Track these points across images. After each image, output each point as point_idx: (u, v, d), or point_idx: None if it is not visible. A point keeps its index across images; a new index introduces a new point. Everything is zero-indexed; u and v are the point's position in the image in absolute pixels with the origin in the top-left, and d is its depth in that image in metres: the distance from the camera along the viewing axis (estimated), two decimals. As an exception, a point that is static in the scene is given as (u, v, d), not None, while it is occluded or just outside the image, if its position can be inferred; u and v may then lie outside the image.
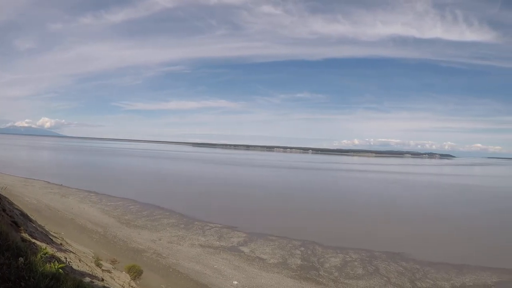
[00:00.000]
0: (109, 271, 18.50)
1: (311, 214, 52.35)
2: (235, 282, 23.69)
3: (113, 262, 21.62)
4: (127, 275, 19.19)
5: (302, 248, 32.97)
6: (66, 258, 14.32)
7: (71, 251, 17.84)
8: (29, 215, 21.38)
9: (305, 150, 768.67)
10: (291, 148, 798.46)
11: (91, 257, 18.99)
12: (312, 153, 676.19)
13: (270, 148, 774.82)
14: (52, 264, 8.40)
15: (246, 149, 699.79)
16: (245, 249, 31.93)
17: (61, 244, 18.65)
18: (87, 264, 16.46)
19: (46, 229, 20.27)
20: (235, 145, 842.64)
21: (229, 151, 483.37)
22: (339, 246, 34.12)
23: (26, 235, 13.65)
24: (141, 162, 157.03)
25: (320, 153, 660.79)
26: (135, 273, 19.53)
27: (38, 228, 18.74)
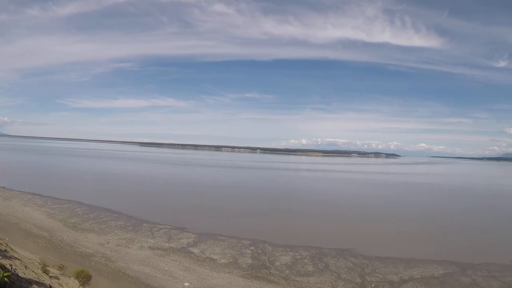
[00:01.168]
0: (57, 278, 19.11)
1: (260, 213, 55.77)
2: (187, 284, 25.28)
3: (60, 268, 22.34)
4: (76, 281, 19.93)
5: (252, 247, 35.18)
6: (11, 265, 14.56)
7: (16, 258, 18.21)
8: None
9: (253, 149, 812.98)
10: (239, 147, 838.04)
11: (37, 264, 19.74)
12: (260, 152, 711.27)
13: (218, 148, 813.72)
14: (-4, 272, 8.38)
15: (194, 149, 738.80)
16: (195, 250, 33.72)
17: (5, 250, 18.92)
18: (33, 271, 16.97)
19: (-12, 236, 20.71)
20: (182, 145, 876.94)
21: (177, 151, 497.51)
22: (288, 244, 36.67)
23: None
24: (87, 163, 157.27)
25: (268, 153, 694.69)
26: (84, 278, 20.38)
27: (-20, 236, 18.93)
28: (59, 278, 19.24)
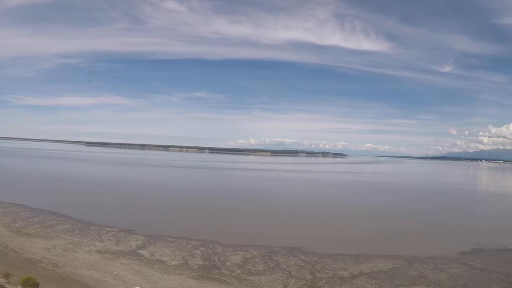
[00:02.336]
0: (2, 286, 20.11)
1: (209, 213, 58.73)
2: None
3: (6, 275, 23.24)
4: (23, 288, 20.81)
5: (202, 248, 37.49)
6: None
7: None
8: None
9: (201, 149, 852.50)
10: (187, 147, 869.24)
11: (-17, 274, 20.39)
12: (209, 152, 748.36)
13: (166, 148, 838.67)
14: None
15: (142, 149, 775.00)
16: (145, 253, 35.47)
17: None
18: (-21, 281, 18.10)
19: None
20: (130, 145, 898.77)
21: (124, 151, 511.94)
22: (238, 244, 39.33)
23: None
24: (31, 164, 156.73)
25: (217, 153, 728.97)
26: (31, 286, 21.50)
27: None
28: (5, 287, 19.98)
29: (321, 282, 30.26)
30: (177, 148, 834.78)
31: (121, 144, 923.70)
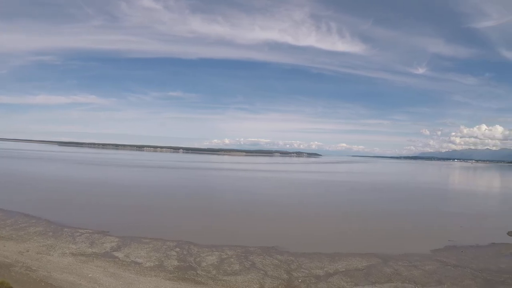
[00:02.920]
0: None
1: (184, 213, 60.05)
2: (112, 290, 27.21)
3: None
4: (-4, 293, 21.25)
5: (178, 249, 38.34)
6: None
7: None
8: None
9: (176, 149, 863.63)
10: (161, 147, 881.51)
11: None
12: (183, 152, 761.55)
13: (140, 148, 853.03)
14: None
15: (116, 149, 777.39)
16: (120, 254, 36.12)
17: None
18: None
19: None
20: (103, 144, 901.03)
21: (97, 151, 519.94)
22: (214, 244, 40.42)
23: None
24: (2, 164, 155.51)
25: (191, 152, 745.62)
26: None
27: None
28: (-22, 292, 20.37)
29: (297, 281, 31.30)
30: (151, 148, 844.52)
31: (94, 144, 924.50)
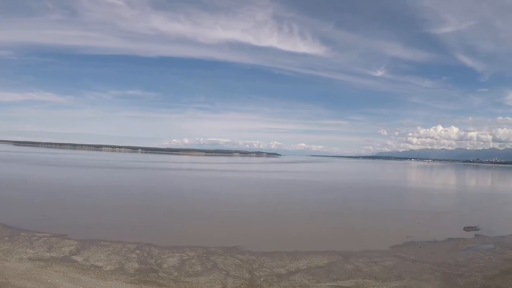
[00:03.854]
0: None
1: (143, 214, 60.16)
2: (73, 295, 27.88)
3: None
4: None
5: (138, 251, 39.21)
6: None
7: None
8: None
9: (134, 149, 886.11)
10: (120, 147, 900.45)
11: None
12: (142, 152, 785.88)
13: (98, 147, 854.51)
14: None
15: (73, 148, 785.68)
16: (79, 258, 36.65)
17: None
18: None
19: None
20: (60, 144, 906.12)
21: (54, 151, 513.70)
22: (175, 246, 41.53)
23: None
24: None
25: (150, 152, 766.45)
26: None
27: None
28: None
29: (259, 280, 32.65)
30: (110, 148, 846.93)
31: (51, 143, 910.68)
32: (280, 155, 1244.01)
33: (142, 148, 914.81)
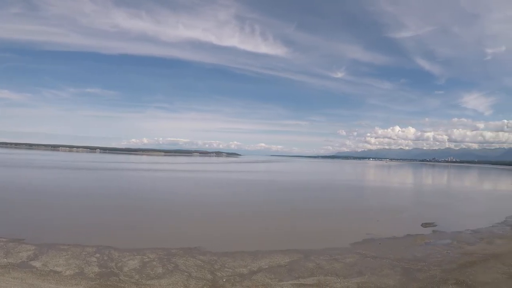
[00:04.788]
0: None
1: (102, 216, 60.24)
2: (31, 302, 28.12)
3: None
4: None
5: (98, 255, 39.41)
6: None
7: None
8: None
9: (92, 149, 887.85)
10: (77, 147, 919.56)
11: None
12: (100, 152, 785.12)
13: (55, 147, 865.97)
14: None
15: (29, 148, 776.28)
16: (37, 264, 36.53)
17: None
18: None
19: None
20: (16, 144, 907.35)
21: (9, 151, 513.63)
22: (135, 248, 41.99)
23: None
24: None
25: (109, 153, 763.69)
26: None
27: None
28: None
29: (221, 280, 33.45)
30: (67, 148, 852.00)
31: (6, 143, 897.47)
32: (240, 155, 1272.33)
33: (101, 148, 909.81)
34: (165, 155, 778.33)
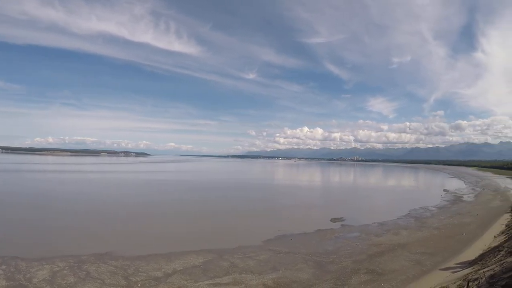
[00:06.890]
0: None
1: (4, 225, 58.24)
2: None
3: None
4: None
5: (4, 266, 38.52)
6: None
7: None
8: None
9: None
10: None
11: None
12: (2, 152, 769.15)
13: None
14: None
15: None
16: None
17: None
18: None
19: None
20: None
21: None
22: (43, 257, 41.57)
23: None
24: None
25: (11, 153, 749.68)
26: None
27: None
28: None
29: (136, 285, 34.39)
30: None
31: None
32: (149, 154, 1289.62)
33: (2, 148, 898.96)
34: (71, 155, 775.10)
